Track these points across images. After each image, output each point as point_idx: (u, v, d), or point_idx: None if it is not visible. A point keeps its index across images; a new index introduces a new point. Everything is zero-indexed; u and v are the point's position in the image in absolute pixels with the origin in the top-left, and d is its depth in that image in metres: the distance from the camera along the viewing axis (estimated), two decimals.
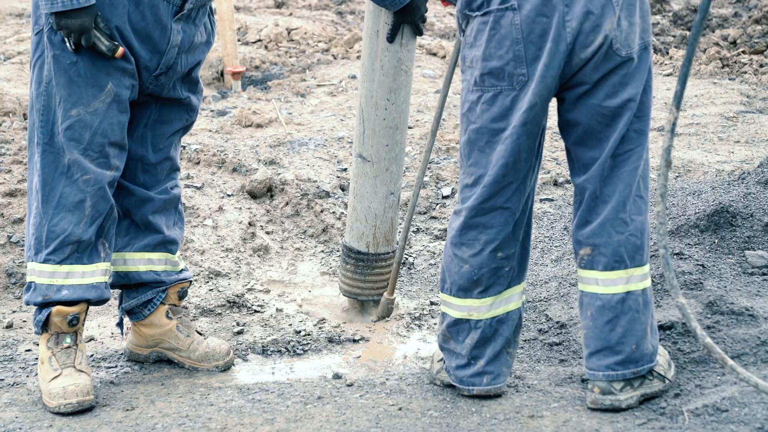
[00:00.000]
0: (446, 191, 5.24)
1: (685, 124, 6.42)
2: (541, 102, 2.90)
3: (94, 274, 3.12)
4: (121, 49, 2.98)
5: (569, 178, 5.29)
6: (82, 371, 3.12)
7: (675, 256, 3.85)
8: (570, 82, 2.91)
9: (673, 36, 8.98)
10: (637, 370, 2.98)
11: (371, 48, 3.69)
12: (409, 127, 6.07)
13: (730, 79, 7.68)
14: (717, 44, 8.43)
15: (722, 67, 7.99)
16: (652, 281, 3.49)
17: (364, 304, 3.95)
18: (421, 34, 3.72)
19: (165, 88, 3.21)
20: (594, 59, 2.84)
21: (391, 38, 3.63)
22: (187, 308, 3.77)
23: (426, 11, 3.65)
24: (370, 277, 3.89)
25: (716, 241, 4.01)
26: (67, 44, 2.96)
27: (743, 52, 8.27)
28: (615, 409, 2.99)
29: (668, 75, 7.89)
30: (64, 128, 3.02)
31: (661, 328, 3.33)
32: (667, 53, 8.52)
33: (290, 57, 8.33)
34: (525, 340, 3.57)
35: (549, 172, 5.49)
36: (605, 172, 2.95)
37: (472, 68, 2.97)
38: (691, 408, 2.93)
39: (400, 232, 4.00)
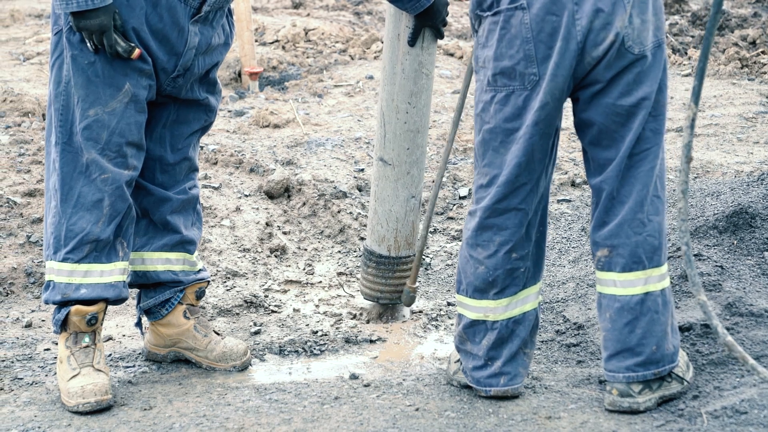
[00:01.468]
0: (463, 192, 5.24)
1: (703, 125, 6.39)
2: (553, 101, 2.89)
3: (112, 273, 3.13)
4: (137, 51, 2.99)
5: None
6: (100, 371, 3.13)
7: (694, 257, 3.83)
8: (583, 81, 2.90)
9: (692, 36, 8.94)
10: (658, 370, 2.97)
11: (392, 52, 3.69)
12: None
13: (749, 80, 7.64)
14: (736, 44, 8.39)
15: (741, 68, 7.95)
16: (671, 282, 3.47)
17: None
18: (441, 37, 3.71)
19: (183, 89, 3.21)
20: (606, 57, 2.83)
21: (412, 42, 3.63)
22: (204, 308, 3.78)
23: (447, 15, 3.64)
24: (391, 280, 3.88)
25: (735, 242, 3.99)
26: (88, 45, 2.97)
27: (762, 52, 8.22)
28: (633, 411, 2.97)
29: (687, 75, 7.86)
30: (81, 128, 3.03)
31: (680, 329, 3.31)
32: (686, 53, 8.48)
33: (307, 57, 8.34)
34: (542, 341, 3.56)
35: (566, 173, 5.48)
36: (621, 173, 2.94)
37: (484, 68, 2.98)
38: (710, 410, 2.91)
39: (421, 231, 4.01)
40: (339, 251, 4.66)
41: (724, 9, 9.26)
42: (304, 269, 4.47)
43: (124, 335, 3.74)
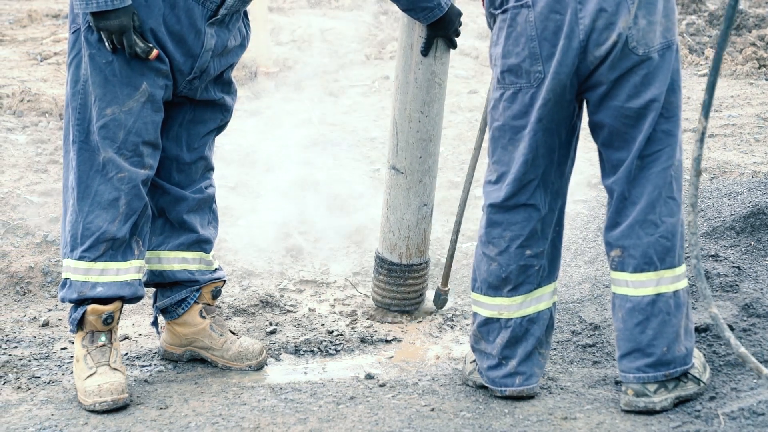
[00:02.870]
0: (479, 192, 5.23)
1: (720, 125, 6.36)
2: (555, 98, 2.89)
3: (128, 271, 3.15)
4: (155, 52, 3.00)
5: None
6: (116, 370, 3.14)
7: (710, 258, 3.81)
8: (588, 81, 2.89)
9: (709, 36, 8.90)
10: (668, 372, 2.96)
11: (405, 61, 3.69)
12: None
13: (766, 80, 7.61)
14: (753, 44, 8.35)
15: (759, 68, 7.91)
16: (688, 283, 3.45)
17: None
18: (455, 47, 3.71)
19: (198, 90, 3.22)
20: (610, 57, 2.82)
21: (425, 52, 3.64)
22: (220, 308, 3.79)
23: (460, 25, 3.65)
24: (402, 287, 3.89)
25: (752, 243, 3.97)
26: (107, 45, 2.98)
27: None
28: (649, 412, 2.96)
29: (704, 75, 7.82)
30: (98, 127, 3.05)
31: (696, 330, 3.30)
32: (703, 53, 8.45)
33: (323, 57, 8.35)
34: (558, 342, 3.56)
35: (582, 173, 5.46)
36: (632, 174, 2.93)
37: (495, 66, 2.99)
38: (727, 411, 2.90)
39: (438, 239, 4.01)
40: (354, 251, 4.66)
41: (742, 8, 9.22)
42: (319, 269, 4.47)
43: (140, 334, 3.75)
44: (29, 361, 3.46)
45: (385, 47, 8.60)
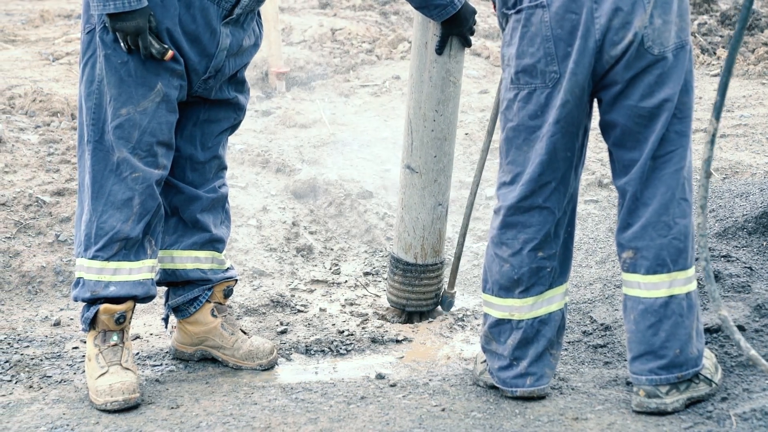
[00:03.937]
0: (489, 192, 5.23)
1: (732, 125, 6.34)
2: (574, 99, 2.88)
3: (140, 270, 3.15)
4: (170, 53, 3.01)
5: None
6: (128, 369, 3.15)
7: (722, 259, 3.80)
8: (603, 80, 2.88)
9: (721, 36, 8.88)
10: (681, 374, 2.95)
11: (420, 59, 3.69)
12: None
13: None
14: (766, 44, 8.33)
15: None
16: (698, 284, 3.45)
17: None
18: (469, 45, 3.71)
19: (213, 90, 3.23)
20: (625, 57, 2.82)
21: (439, 50, 3.63)
22: (231, 307, 3.80)
23: (474, 23, 3.64)
24: (418, 288, 3.88)
25: (764, 243, 3.96)
26: (122, 45, 2.99)
27: None
28: (661, 413, 2.96)
29: (715, 75, 7.80)
30: (113, 127, 3.05)
31: (708, 331, 3.29)
32: (715, 53, 8.43)
33: (334, 57, 8.36)
34: (569, 342, 3.55)
35: (594, 173, 5.46)
36: (645, 175, 2.92)
37: (508, 67, 2.99)
38: (739, 412, 2.89)
39: (449, 239, 4.01)
40: (365, 251, 4.66)
41: (754, 8, 9.19)
42: (330, 269, 4.47)
43: (151, 334, 3.76)
44: (41, 360, 3.47)
45: (396, 47, 8.60)
